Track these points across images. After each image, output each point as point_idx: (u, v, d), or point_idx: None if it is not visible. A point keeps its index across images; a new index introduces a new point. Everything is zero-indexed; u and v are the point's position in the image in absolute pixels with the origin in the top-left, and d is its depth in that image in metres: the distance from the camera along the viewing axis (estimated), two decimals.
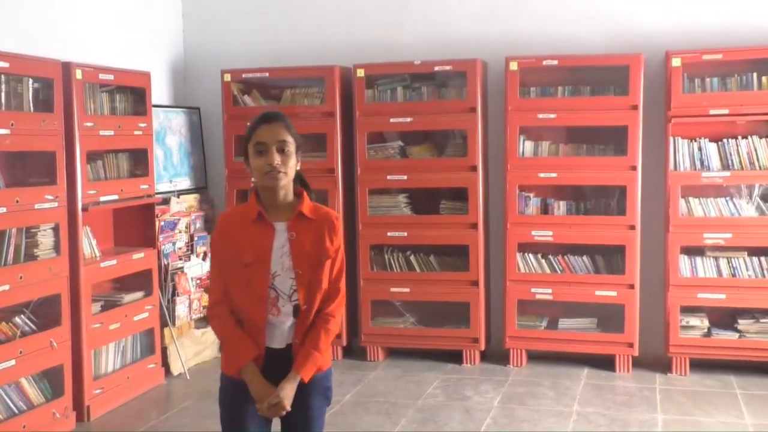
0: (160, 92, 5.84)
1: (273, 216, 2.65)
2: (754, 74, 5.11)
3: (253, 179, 2.67)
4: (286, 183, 2.62)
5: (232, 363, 2.67)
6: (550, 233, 5.37)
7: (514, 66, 5.27)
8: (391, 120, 5.52)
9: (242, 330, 2.66)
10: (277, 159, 2.57)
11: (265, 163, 2.57)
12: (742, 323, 5.21)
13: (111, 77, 4.82)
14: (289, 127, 2.63)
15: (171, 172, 5.69)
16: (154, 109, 5.30)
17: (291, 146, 2.61)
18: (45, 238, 4.38)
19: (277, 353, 2.67)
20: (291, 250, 2.63)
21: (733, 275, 5.16)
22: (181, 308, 5.30)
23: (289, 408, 2.61)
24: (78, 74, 4.49)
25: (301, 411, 2.69)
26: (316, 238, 2.67)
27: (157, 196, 5.23)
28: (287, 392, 2.60)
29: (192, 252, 5.50)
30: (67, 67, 4.45)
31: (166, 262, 5.21)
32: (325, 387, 2.75)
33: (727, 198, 5.17)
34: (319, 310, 2.68)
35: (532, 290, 5.43)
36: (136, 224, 5.15)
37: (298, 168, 2.67)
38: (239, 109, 5.75)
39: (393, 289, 5.60)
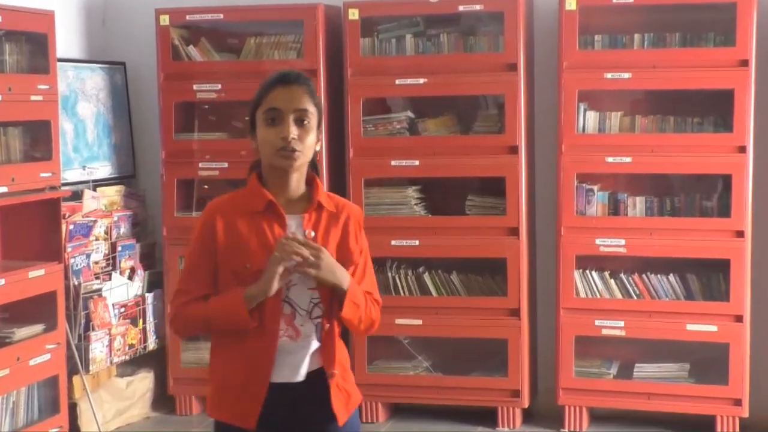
0: (68, 41, 5.58)
1: (283, 207, 2.70)
2: None
3: (255, 161, 2.73)
4: (302, 164, 2.66)
5: (238, 312, 2.61)
6: (622, 242, 4.95)
7: (571, 5, 4.89)
8: (398, 82, 5.17)
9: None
10: (294, 131, 2.59)
11: (278, 137, 2.60)
12: None
13: None
14: (313, 93, 2.69)
15: (84, 154, 5.44)
16: (59, 64, 4.99)
17: (313, 118, 2.65)
18: None
19: (292, 390, 2.64)
20: None
21: None
22: (97, 348, 4.97)
23: (322, 256, 2.58)
24: None
25: None
26: (338, 237, 2.72)
27: (64, 188, 4.96)
28: (323, 253, 2.60)
29: (114, 268, 5.21)
30: None
31: (76, 282, 4.90)
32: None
33: None
34: None
35: (597, 323, 5.03)
36: (34, 228, 4.86)
37: (317, 148, 2.73)
38: (182, 65, 5.43)
39: (399, 321, 5.26)
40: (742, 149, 4.79)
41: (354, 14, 5.11)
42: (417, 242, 5.20)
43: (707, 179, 5.05)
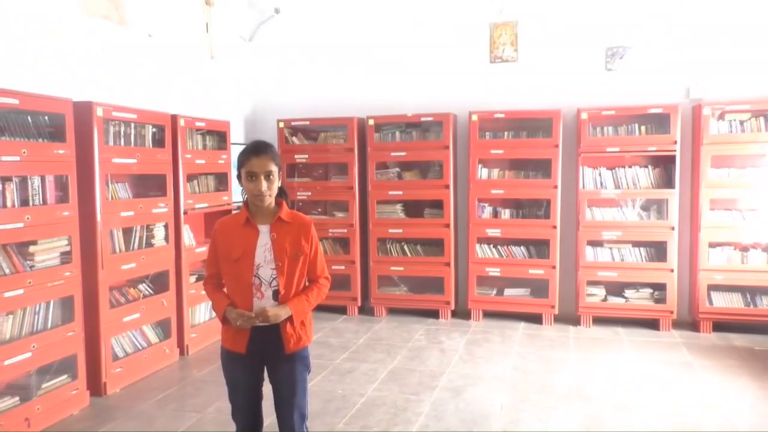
0: (233, 132, 7.38)
1: (259, 220, 3.11)
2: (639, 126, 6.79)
3: (243, 192, 3.13)
4: (270, 200, 3.09)
5: (218, 312, 3.14)
6: (498, 232, 7.23)
7: (475, 117, 7.00)
8: (392, 154, 7.26)
9: (224, 294, 3.08)
10: (264, 186, 2.99)
11: (255, 189, 3.01)
12: (628, 292, 7.05)
13: (203, 124, 6.49)
14: (275, 157, 3.02)
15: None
16: (232, 145, 6.91)
17: (275, 173, 3.02)
18: (159, 232, 5.76)
19: (263, 330, 3.09)
20: (273, 247, 3.05)
21: (622, 260, 6.94)
22: None
23: (270, 316, 2.92)
24: (182, 122, 6.11)
25: (286, 380, 3.13)
26: (293, 238, 3.08)
27: (234, 204, 6.72)
28: (268, 309, 2.98)
29: None
30: (174, 119, 6.08)
31: None
32: (305, 358, 3.19)
33: (617, 208, 7.09)
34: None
35: (487, 269, 7.23)
36: None
37: (279, 185, 3.10)
38: (289, 147, 7.69)
39: (392, 268, 7.38)
40: (555, 187, 6.42)
41: (371, 122, 6.99)
42: (401, 230, 7.00)
43: (538, 202, 6.77)
